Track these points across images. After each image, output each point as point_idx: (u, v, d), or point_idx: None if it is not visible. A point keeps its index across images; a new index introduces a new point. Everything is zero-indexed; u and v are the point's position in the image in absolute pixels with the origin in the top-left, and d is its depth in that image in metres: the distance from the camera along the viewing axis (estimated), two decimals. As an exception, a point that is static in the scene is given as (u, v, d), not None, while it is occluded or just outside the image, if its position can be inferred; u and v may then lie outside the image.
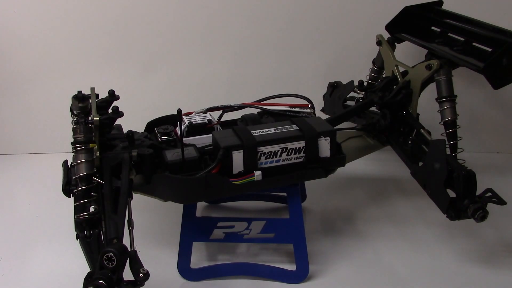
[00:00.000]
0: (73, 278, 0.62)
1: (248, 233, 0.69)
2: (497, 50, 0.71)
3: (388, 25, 0.88)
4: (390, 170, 1.00)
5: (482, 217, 0.65)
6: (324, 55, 1.03)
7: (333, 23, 1.01)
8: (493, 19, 0.78)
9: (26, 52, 1.01)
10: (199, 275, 0.70)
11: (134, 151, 0.64)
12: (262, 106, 0.78)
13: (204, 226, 0.70)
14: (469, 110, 1.03)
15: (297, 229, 0.69)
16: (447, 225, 0.77)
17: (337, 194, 0.93)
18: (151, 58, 1.03)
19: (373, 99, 0.80)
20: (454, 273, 0.72)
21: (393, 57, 0.85)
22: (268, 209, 0.87)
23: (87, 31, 1.00)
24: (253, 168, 0.65)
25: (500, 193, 0.68)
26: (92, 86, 0.68)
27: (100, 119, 0.61)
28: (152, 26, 1.00)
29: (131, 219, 0.59)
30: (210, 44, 1.02)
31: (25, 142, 1.08)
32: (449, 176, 0.67)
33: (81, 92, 0.65)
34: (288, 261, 0.73)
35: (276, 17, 1.00)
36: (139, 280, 0.51)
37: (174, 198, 0.65)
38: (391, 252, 0.76)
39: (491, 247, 0.77)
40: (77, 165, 0.59)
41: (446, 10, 0.87)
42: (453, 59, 0.77)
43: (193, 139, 0.71)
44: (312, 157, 0.68)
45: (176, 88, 1.05)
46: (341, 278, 0.71)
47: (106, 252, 0.50)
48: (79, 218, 0.58)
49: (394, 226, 0.83)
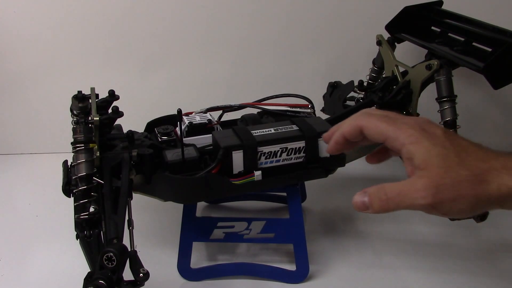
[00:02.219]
0: (73, 278, 0.62)
1: (248, 233, 0.69)
2: (497, 50, 0.71)
3: (388, 25, 0.88)
4: (390, 170, 1.00)
5: (482, 217, 0.65)
6: (324, 55, 1.03)
7: (333, 23, 1.01)
8: (493, 19, 0.78)
9: (26, 52, 1.01)
10: (199, 275, 0.70)
11: (134, 151, 0.63)
12: (262, 106, 0.78)
13: (204, 226, 0.70)
14: (469, 110, 1.03)
15: (297, 229, 0.69)
16: (447, 225, 0.77)
17: (337, 194, 0.93)
18: (151, 58, 1.03)
19: (373, 99, 0.80)
20: (454, 273, 0.72)
21: (393, 57, 0.85)
22: (268, 209, 0.87)
23: (87, 31, 0.99)
24: (253, 168, 0.65)
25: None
26: (92, 86, 0.68)
27: (100, 119, 0.61)
28: (152, 26, 1.00)
29: (131, 219, 0.59)
30: (210, 44, 1.02)
31: (25, 142, 1.08)
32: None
33: (81, 92, 0.65)
34: (288, 261, 0.73)
35: (276, 17, 1.00)
36: (139, 280, 0.51)
37: (174, 198, 0.66)
38: (391, 252, 0.76)
39: (491, 247, 0.77)
40: (77, 165, 0.59)
41: (446, 10, 0.87)
42: (453, 59, 0.77)
43: (193, 139, 0.71)
44: (312, 157, 0.68)
45: (176, 88, 1.05)
46: (341, 278, 0.71)
47: (106, 252, 0.50)
48: (79, 218, 0.58)
49: (394, 226, 0.83)
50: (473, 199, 0.43)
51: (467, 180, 0.43)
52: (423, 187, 0.44)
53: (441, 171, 0.43)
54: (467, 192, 0.43)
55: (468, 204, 0.43)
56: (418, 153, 0.45)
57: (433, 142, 0.45)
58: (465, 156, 0.44)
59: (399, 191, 0.46)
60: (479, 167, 0.44)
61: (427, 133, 0.46)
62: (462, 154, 0.44)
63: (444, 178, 0.43)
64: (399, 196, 0.45)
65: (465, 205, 0.43)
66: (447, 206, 0.43)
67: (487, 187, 0.43)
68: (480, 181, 0.43)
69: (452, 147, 0.45)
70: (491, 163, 0.44)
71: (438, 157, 0.44)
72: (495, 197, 0.43)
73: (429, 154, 0.44)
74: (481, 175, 0.43)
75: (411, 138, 0.46)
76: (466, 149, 0.45)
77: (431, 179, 0.44)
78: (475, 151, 0.45)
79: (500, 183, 0.43)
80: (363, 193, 0.48)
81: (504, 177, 0.43)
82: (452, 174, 0.43)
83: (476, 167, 0.44)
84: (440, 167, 0.43)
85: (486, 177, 0.43)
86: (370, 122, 0.49)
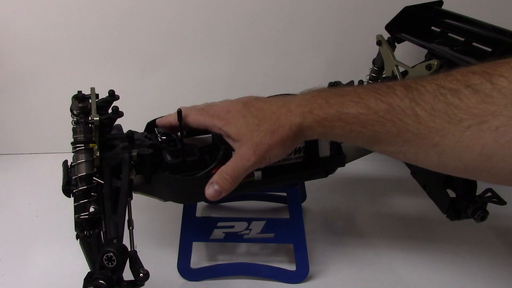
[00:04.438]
0: (73, 278, 0.62)
1: (248, 233, 0.69)
2: (497, 50, 0.71)
3: (388, 25, 0.88)
4: (390, 170, 1.00)
5: (482, 217, 0.65)
6: (324, 55, 1.03)
7: (333, 23, 1.01)
8: (493, 19, 0.78)
9: (26, 52, 1.01)
10: (199, 275, 0.70)
11: (134, 151, 0.63)
12: (262, 106, 0.78)
13: (204, 226, 0.70)
14: (469, 110, 1.03)
15: (297, 229, 0.69)
16: (448, 225, 0.77)
17: (337, 194, 0.93)
18: (151, 58, 1.03)
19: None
20: (454, 273, 0.72)
21: (393, 57, 0.84)
22: (268, 209, 0.87)
23: (87, 31, 0.99)
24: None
25: (500, 193, 0.69)
26: (92, 86, 0.68)
27: (100, 119, 0.61)
28: (152, 26, 1.00)
29: (131, 219, 0.59)
30: (210, 44, 1.02)
31: (25, 142, 1.08)
32: (449, 176, 0.67)
33: (81, 92, 0.65)
34: (288, 261, 0.73)
35: (276, 17, 1.00)
36: (139, 280, 0.51)
37: (174, 198, 0.65)
38: (391, 252, 0.76)
39: (491, 247, 0.77)
40: (77, 165, 0.59)
41: (446, 10, 0.87)
42: (453, 59, 0.77)
43: (193, 139, 0.71)
44: (312, 157, 0.68)
45: (176, 88, 1.05)
46: (341, 278, 0.71)
47: (106, 252, 0.50)
48: (79, 218, 0.58)
49: (394, 226, 0.83)
50: (280, 143, 0.55)
51: (268, 132, 0.55)
52: (245, 152, 0.56)
53: (249, 134, 0.56)
54: (273, 141, 0.55)
55: (280, 148, 0.56)
56: (230, 130, 0.58)
57: (236, 117, 0.58)
58: (262, 115, 0.56)
59: (233, 166, 0.57)
60: (273, 118, 0.56)
61: (231, 112, 0.59)
62: (259, 114, 0.57)
63: (253, 138, 0.55)
64: (235, 169, 0.57)
65: (278, 149, 0.56)
66: (267, 157, 0.56)
67: (283, 130, 0.55)
68: (277, 128, 0.55)
69: (250, 114, 0.57)
70: (280, 111, 0.56)
71: (243, 126, 0.56)
72: (292, 135, 0.55)
73: (237, 127, 0.57)
74: (275, 123, 0.55)
75: (222, 122, 0.59)
76: (261, 109, 0.57)
77: (246, 144, 0.56)
78: (267, 106, 0.57)
79: (290, 123, 0.55)
80: (211, 184, 0.59)
81: (290, 117, 0.55)
82: (257, 133, 0.55)
83: (271, 119, 0.56)
84: (247, 132, 0.56)
85: (279, 123, 0.55)
86: (191, 117, 0.62)
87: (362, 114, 0.51)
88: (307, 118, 0.54)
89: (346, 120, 0.52)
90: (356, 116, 0.52)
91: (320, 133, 0.54)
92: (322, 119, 0.53)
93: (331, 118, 0.53)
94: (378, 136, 0.51)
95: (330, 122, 0.53)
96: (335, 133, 0.53)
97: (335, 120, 0.53)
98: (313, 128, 0.54)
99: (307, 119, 0.54)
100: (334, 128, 0.53)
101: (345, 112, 0.52)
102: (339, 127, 0.53)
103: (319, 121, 0.53)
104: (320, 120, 0.53)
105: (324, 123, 0.53)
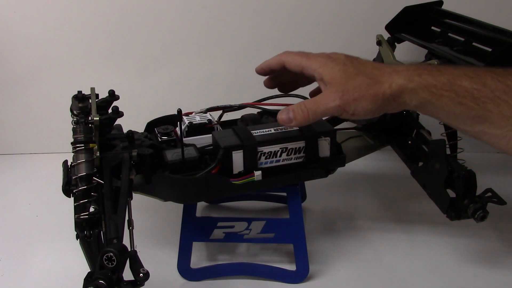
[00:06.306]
0: (73, 278, 0.62)
1: (248, 233, 0.69)
2: (497, 50, 0.71)
3: (388, 25, 0.88)
4: (390, 170, 1.00)
5: (482, 217, 0.65)
6: (324, 55, 1.03)
7: (333, 23, 1.01)
8: (493, 19, 0.78)
9: (26, 52, 1.01)
10: (199, 275, 0.70)
11: (134, 151, 0.64)
12: (262, 106, 0.78)
13: (204, 226, 0.70)
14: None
15: (297, 229, 0.69)
16: (447, 225, 0.77)
17: (337, 194, 0.93)
18: (151, 58, 1.03)
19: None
20: (454, 273, 0.72)
21: (393, 57, 0.84)
22: (268, 209, 0.87)
23: (87, 31, 1.00)
24: (253, 168, 0.65)
25: (500, 193, 0.68)
26: (92, 86, 0.68)
27: (100, 119, 0.61)
28: (152, 26, 1.00)
29: (131, 219, 0.59)
30: (210, 44, 1.02)
31: (25, 142, 1.08)
32: (449, 176, 0.67)
33: (81, 92, 0.65)
34: (288, 261, 0.73)
35: (276, 17, 1.00)
36: (139, 280, 0.51)
37: (174, 198, 0.65)
38: (391, 252, 0.76)
39: (491, 247, 0.77)
40: (77, 165, 0.59)
41: (446, 10, 0.87)
42: (453, 59, 0.76)
43: (193, 139, 0.71)
44: (312, 157, 0.68)
45: (176, 88, 1.05)
46: (341, 278, 0.71)
47: (106, 252, 0.50)
48: (79, 218, 0.58)
49: (394, 226, 0.83)
50: (371, 97, 0.53)
51: (364, 83, 0.53)
52: (332, 93, 0.55)
53: (344, 80, 0.54)
54: (365, 92, 0.53)
55: (369, 102, 0.53)
56: (325, 73, 0.56)
57: (336, 63, 0.57)
58: (362, 68, 0.55)
59: (315, 101, 0.56)
60: (374, 73, 0.54)
61: (332, 58, 0.58)
62: (360, 67, 0.56)
63: (347, 84, 0.54)
64: (315, 105, 0.56)
65: (367, 103, 0.53)
66: (352, 106, 0.54)
67: (381, 86, 0.53)
68: (374, 83, 0.53)
69: (351, 64, 0.56)
70: (384, 70, 0.55)
71: (340, 72, 0.55)
72: (389, 94, 0.53)
73: (333, 71, 0.56)
74: (375, 78, 0.54)
75: (320, 63, 0.57)
76: (363, 64, 0.57)
77: (336, 87, 0.54)
78: (371, 64, 0.57)
79: (391, 82, 0.53)
80: (287, 110, 0.58)
81: (394, 77, 0.53)
82: (352, 81, 0.54)
83: (371, 74, 0.54)
84: (343, 78, 0.55)
85: (379, 79, 0.53)
86: (289, 57, 0.63)
87: (477, 89, 0.49)
88: (413, 81, 0.51)
89: (458, 91, 0.49)
90: (469, 90, 0.49)
91: (422, 99, 0.51)
92: (430, 85, 0.50)
93: (441, 86, 0.50)
94: (487, 116, 0.49)
95: (438, 90, 0.50)
96: (440, 103, 0.51)
97: (445, 89, 0.50)
98: (417, 92, 0.51)
99: (413, 82, 0.51)
100: (441, 97, 0.50)
101: (458, 84, 0.49)
102: (447, 96, 0.50)
103: (427, 86, 0.51)
104: (428, 85, 0.51)
105: (431, 89, 0.50)
